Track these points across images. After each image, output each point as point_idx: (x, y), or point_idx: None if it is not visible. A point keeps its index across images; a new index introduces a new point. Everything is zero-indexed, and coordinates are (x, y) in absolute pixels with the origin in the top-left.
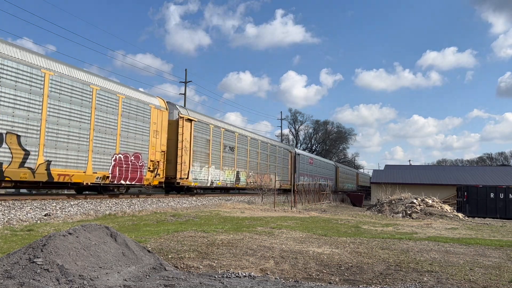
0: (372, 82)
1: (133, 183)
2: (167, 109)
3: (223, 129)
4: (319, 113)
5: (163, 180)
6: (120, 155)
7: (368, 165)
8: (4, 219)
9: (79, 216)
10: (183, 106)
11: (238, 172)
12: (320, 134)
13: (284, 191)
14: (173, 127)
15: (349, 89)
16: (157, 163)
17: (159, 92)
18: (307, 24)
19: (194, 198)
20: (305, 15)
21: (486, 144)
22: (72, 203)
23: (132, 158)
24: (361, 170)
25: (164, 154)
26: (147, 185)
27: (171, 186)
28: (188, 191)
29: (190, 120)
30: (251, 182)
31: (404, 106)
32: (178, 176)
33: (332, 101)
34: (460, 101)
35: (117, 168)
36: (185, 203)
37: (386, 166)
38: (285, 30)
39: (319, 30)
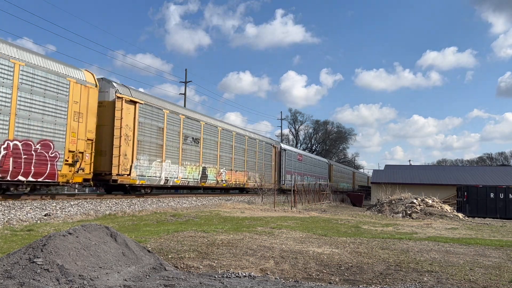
0: (372, 82)
1: (40, 179)
2: (97, 86)
3: (183, 116)
4: (319, 113)
5: (90, 176)
6: (16, 141)
7: (368, 165)
8: (4, 219)
9: (79, 216)
10: (125, 85)
11: (204, 169)
12: (320, 134)
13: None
14: (108, 110)
15: (349, 89)
16: (79, 154)
17: (159, 92)
18: (307, 24)
19: (194, 198)
20: (305, 15)
21: (486, 144)
22: (72, 203)
23: (38, 146)
24: (362, 170)
25: (92, 143)
26: (64, 182)
27: (107, 184)
28: (134, 190)
29: (133, 102)
30: (222, 181)
31: (404, 106)
32: (114, 171)
33: (332, 101)
34: (460, 101)
35: (11, 159)
36: (185, 203)
37: (386, 166)
38: (285, 30)
39: (319, 30)
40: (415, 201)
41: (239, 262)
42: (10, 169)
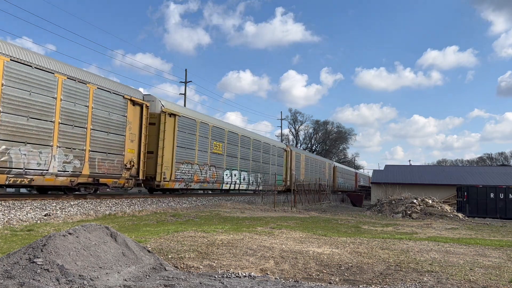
0: (372, 81)
1: None
2: None
3: None
4: (320, 112)
5: None
6: None
7: (368, 165)
8: (4, 219)
9: (79, 216)
10: None
11: None
12: (320, 134)
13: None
14: None
15: (349, 89)
16: None
17: (159, 92)
18: (307, 22)
19: (194, 198)
20: (305, 14)
21: (487, 144)
22: (72, 203)
23: None
24: (360, 170)
25: None
26: None
27: None
28: None
29: None
30: None
31: (404, 105)
32: None
33: (332, 101)
34: (461, 100)
35: None
36: (185, 203)
37: (386, 166)
38: (285, 29)
39: (319, 28)
40: (415, 201)
41: (239, 262)
42: None
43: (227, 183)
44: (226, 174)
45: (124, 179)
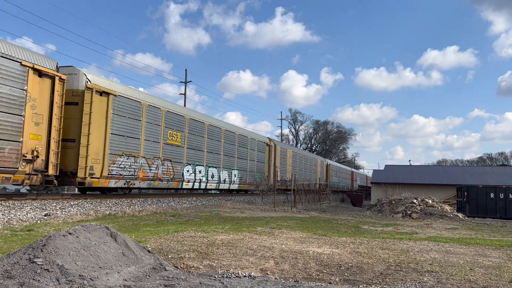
0: (372, 81)
1: None
2: None
3: None
4: (320, 112)
5: None
6: None
7: (368, 165)
8: (4, 219)
9: (79, 216)
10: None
11: None
12: (320, 134)
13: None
14: None
15: (349, 89)
16: None
17: (159, 92)
18: (307, 22)
19: (194, 198)
20: (305, 14)
21: (487, 144)
22: (72, 203)
23: None
24: (360, 169)
25: None
26: None
27: None
28: None
29: None
30: None
31: (404, 105)
32: None
33: (332, 101)
34: (461, 100)
35: None
36: (185, 203)
37: (386, 166)
38: (285, 29)
39: (319, 28)
40: (415, 201)
41: (239, 262)
42: None
43: (188, 181)
44: (188, 171)
45: (22, 175)
